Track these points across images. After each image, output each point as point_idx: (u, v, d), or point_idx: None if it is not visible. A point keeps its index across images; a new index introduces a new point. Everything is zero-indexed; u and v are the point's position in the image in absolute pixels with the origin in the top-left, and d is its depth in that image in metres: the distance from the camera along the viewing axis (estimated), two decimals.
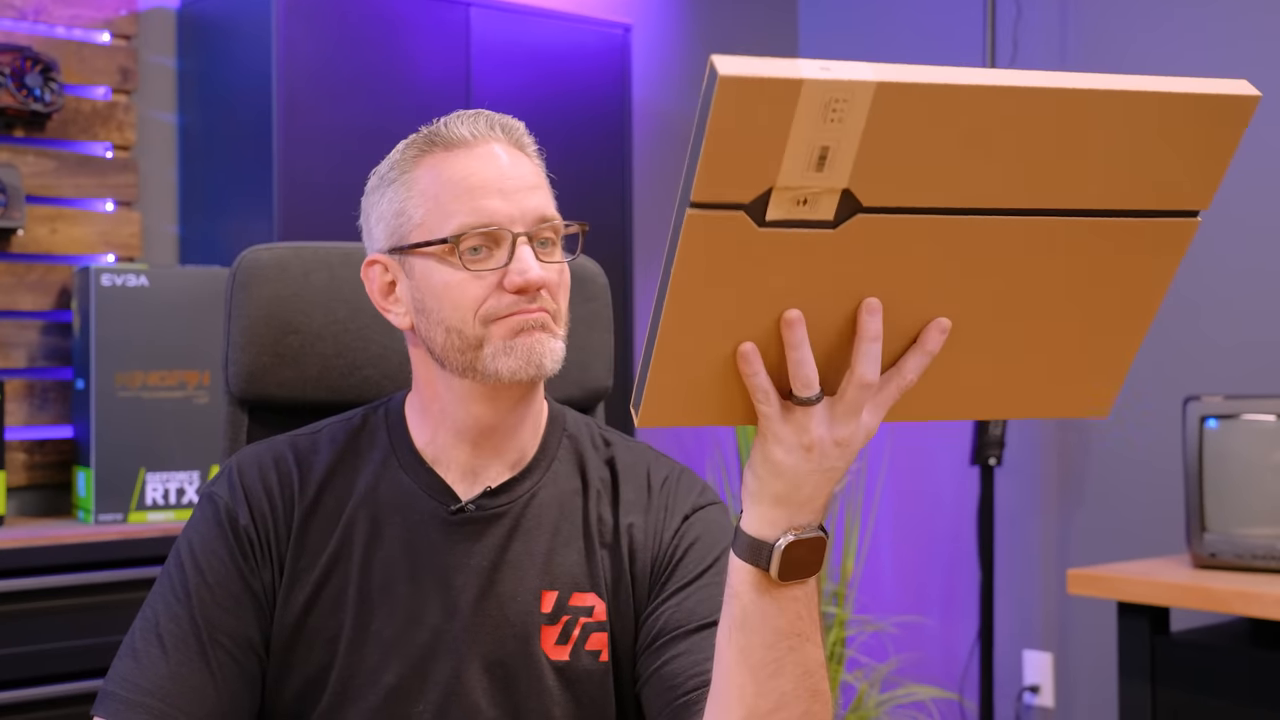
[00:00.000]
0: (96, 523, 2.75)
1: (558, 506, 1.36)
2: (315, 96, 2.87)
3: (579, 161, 3.25)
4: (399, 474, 1.35)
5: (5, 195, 2.85)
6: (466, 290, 1.27)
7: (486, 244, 1.27)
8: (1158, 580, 2.58)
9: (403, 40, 3.01)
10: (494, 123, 1.30)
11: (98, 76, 3.04)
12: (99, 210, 3.06)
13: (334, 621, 1.30)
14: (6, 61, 2.85)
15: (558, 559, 1.33)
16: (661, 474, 1.40)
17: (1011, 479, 3.57)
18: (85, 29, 3.03)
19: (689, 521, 1.36)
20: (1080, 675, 3.50)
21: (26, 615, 2.48)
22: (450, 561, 1.32)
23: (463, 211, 1.26)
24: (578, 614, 1.31)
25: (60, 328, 3.00)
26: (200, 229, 3.11)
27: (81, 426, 2.82)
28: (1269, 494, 2.58)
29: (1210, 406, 2.65)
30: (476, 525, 1.33)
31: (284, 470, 1.34)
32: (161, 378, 2.81)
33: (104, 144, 3.06)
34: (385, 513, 1.33)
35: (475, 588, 1.31)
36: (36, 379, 2.97)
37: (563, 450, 1.40)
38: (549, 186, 1.33)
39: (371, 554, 1.32)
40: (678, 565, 1.33)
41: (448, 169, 1.28)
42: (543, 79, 3.22)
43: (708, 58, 0.79)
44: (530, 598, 1.31)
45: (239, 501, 1.31)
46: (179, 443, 2.81)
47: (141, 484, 2.79)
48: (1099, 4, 3.47)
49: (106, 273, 2.77)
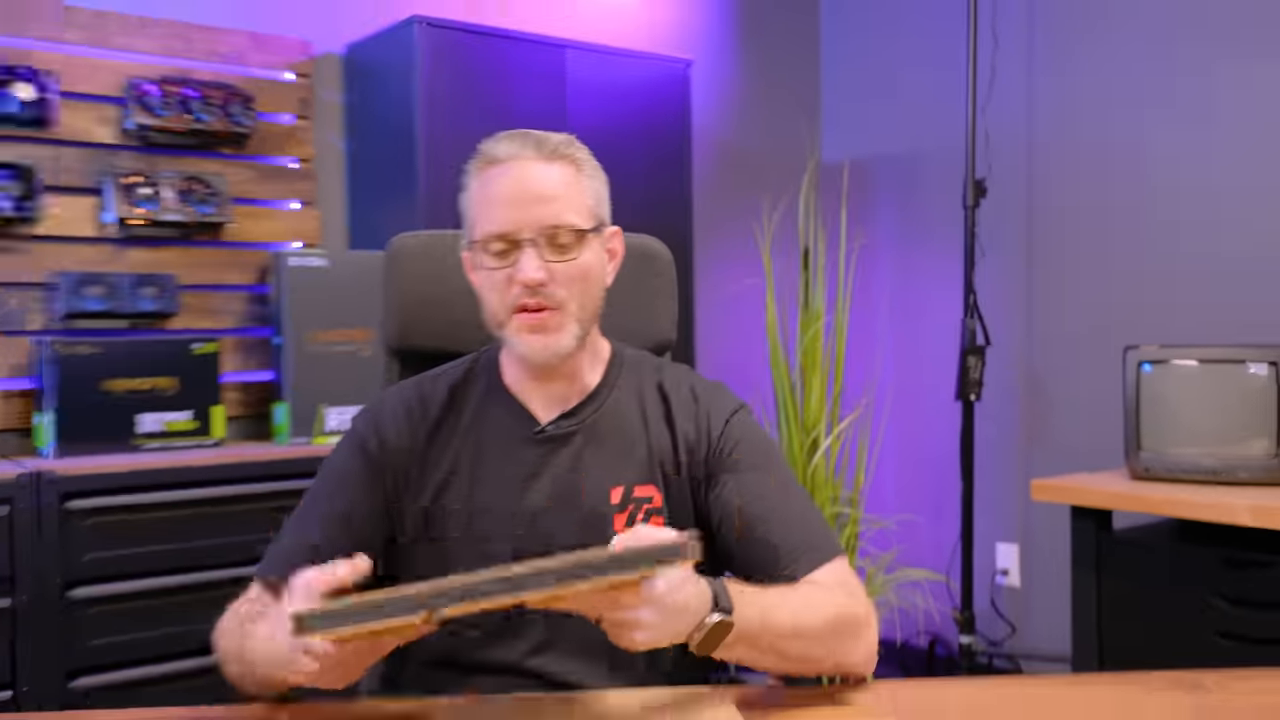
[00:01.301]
0: (290, 444, 2.80)
1: (620, 421, 1.37)
2: (447, 121, 2.88)
3: (651, 171, 3.24)
4: (494, 406, 1.37)
5: (218, 198, 2.89)
6: (490, 284, 1.30)
7: (506, 248, 1.27)
8: (1103, 489, 2.56)
9: (513, 76, 3.01)
10: (529, 141, 1.29)
11: (284, 107, 3.06)
12: (287, 209, 3.09)
13: (450, 520, 1.33)
14: (216, 96, 2.88)
15: (622, 461, 1.34)
16: (702, 387, 1.40)
17: (988, 411, 3.53)
18: (274, 70, 3.05)
19: (729, 423, 1.36)
20: (1041, 562, 3.47)
21: (240, 513, 2.52)
22: (538, 470, 1.33)
23: (485, 220, 1.28)
24: (640, 503, 1.33)
25: (260, 298, 3.04)
26: (363, 222, 3.14)
27: (278, 372, 2.86)
28: (1190, 422, 2.56)
29: (1146, 354, 2.62)
30: (555, 441, 1.34)
31: (410, 408, 1.37)
32: (336, 335, 2.85)
33: (290, 158, 3.08)
34: (487, 435, 1.35)
35: (559, 488, 1.32)
36: (244, 337, 3.01)
37: (622, 379, 1.40)
38: (578, 196, 1.30)
39: (478, 466, 1.34)
40: (727, 456, 1.34)
41: (485, 183, 1.29)
42: (621, 106, 3.20)
43: (751, 87, 0.78)
44: (602, 493, 1.32)
45: (372, 432, 1.35)
46: (349, 383, 2.85)
47: (322, 415, 2.83)
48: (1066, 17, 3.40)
49: (294, 256, 2.81)
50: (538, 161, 1.28)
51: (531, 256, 1.26)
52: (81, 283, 2.70)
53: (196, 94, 2.85)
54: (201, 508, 2.48)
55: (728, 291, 3.85)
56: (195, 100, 2.85)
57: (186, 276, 2.90)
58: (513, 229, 1.26)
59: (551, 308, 1.28)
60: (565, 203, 1.28)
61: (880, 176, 3.96)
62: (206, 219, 2.86)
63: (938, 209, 3.73)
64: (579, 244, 1.29)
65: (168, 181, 2.83)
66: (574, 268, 1.29)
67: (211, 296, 2.96)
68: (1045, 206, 3.47)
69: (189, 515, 2.47)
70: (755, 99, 4.02)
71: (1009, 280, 3.55)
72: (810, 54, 4.19)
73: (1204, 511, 2.35)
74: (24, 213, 2.64)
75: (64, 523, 2.33)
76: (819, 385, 3.46)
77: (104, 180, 2.79)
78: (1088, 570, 2.58)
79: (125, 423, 2.60)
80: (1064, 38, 3.40)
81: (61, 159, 2.75)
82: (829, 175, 4.05)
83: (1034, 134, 3.49)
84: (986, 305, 3.44)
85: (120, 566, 2.39)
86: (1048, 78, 3.45)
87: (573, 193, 1.29)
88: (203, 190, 2.87)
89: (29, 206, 2.64)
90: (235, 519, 2.51)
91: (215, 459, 2.54)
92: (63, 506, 2.33)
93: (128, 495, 2.40)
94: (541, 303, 1.27)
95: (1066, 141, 3.40)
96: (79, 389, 2.55)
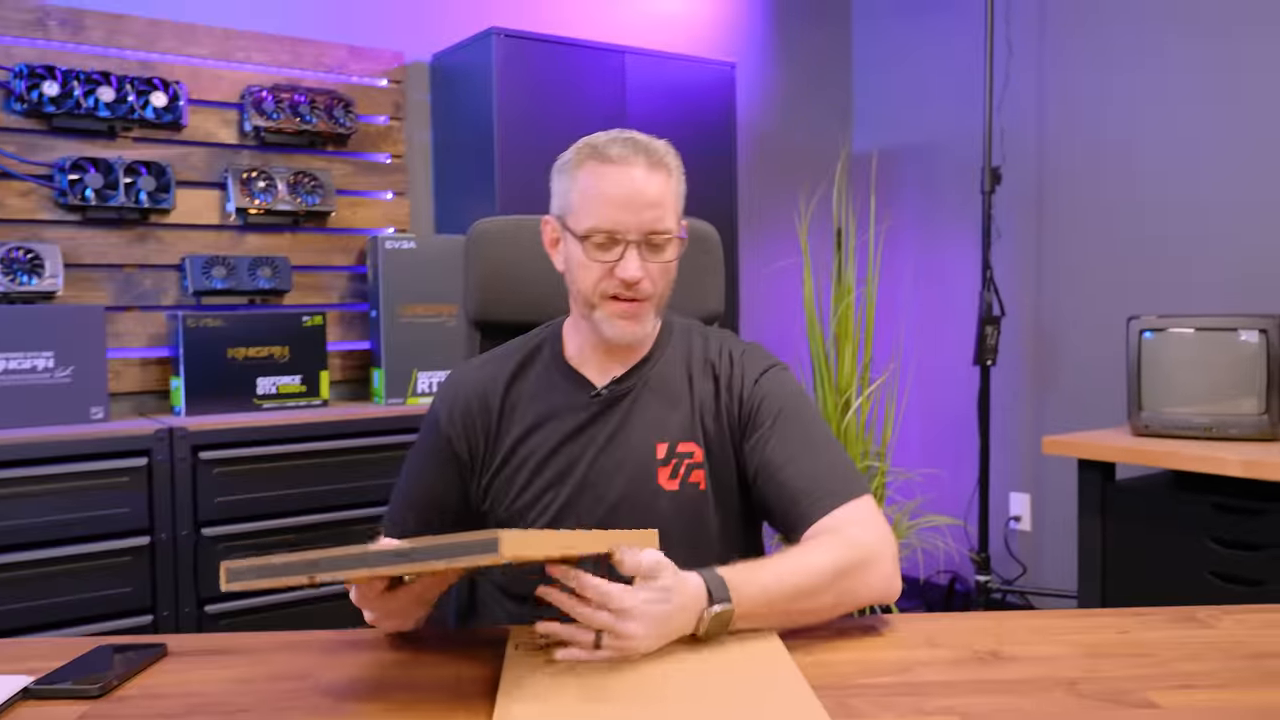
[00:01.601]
0: (386, 404, 2.83)
1: (667, 383, 1.36)
2: (521, 119, 2.87)
3: (701, 162, 3.21)
4: (556, 375, 1.36)
5: (324, 190, 2.91)
6: (589, 271, 1.28)
7: (609, 242, 1.26)
8: (1107, 444, 2.51)
9: (579, 79, 3.00)
10: (639, 148, 1.27)
11: (379, 109, 3.08)
12: (382, 199, 3.10)
13: (519, 475, 1.33)
14: (321, 101, 2.90)
15: (667, 420, 1.33)
16: (739, 349, 1.38)
17: (1003, 374, 3.49)
18: (371, 77, 3.07)
19: (760, 381, 1.34)
20: (1050, 510, 3.43)
21: (344, 464, 2.56)
22: (593, 430, 1.33)
23: (595, 216, 1.25)
24: (683, 457, 1.32)
25: (360, 277, 3.06)
26: (448, 209, 3.15)
27: (375, 341, 2.88)
28: (1187, 384, 2.51)
29: (1147, 322, 2.56)
30: (608, 403, 1.34)
31: (481, 387, 1.37)
32: (425, 309, 2.87)
33: (384, 154, 3.10)
34: (548, 402, 1.35)
35: (610, 444, 1.32)
36: (345, 310, 3.05)
37: (670, 345, 1.39)
38: (674, 204, 1.29)
39: (539, 430, 1.34)
40: (758, 411, 1.32)
41: (597, 179, 1.26)
42: (674, 104, 3.18)
43: (790, 86, 0.76)
44: (649, 448, 1.32)
45: (450, 407, 1.36)
46: (437, 351, 2.87)
47: (414, 379, 2.86)
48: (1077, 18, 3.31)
49: (389, 240, 2.83)
50: (646, 169, 1.26)
51: (634, 257, 1.25)
52: (208, 264, 2.74)
53: (304, 99, 2.87)
54: (311, 459, 2.52)
55: (769, 269, 3.82)
56: (303, 105, 2.87)
57: (297, 258, 2.94)
58: (620, 229, 1.25)
59: (642, 299, 1.28)
60: (665, 209, 1.27)
61: (905, 165, 3.90)
62: (314, 208, 2.89)
63: (957, 194, 3.67)
64: (670, 245, 1.29)
65: (280, 176, 2.86)
66: (666, 267, 1.29)
67: (318, 276, 2.99)
68: (1054, 191, 3.40)
69: (301, 465, 2.51)
70: (793, 97, 3.97)
71: (1022, 257, 3.49)
72: (843, 56, 4.12)
73: (1199, 464, 2.32)
74: (159, 204, 2.68)
75: (195, 471, 2.38)
76: (850, 352, 3.43)
77: (226, 175, 2.82)
78: (1093, 516, 2.55)
79: (246, 385, 2.65)
80: (1069, 42, 3.33)
81: (190, 158, 2.79)
82: (859, 164, 4.00)
83: (1043, 127, 3.42)
84: (1001, 280, 3.39)
85: (244, 509, 2.44)
86: (1056, 76, 3.37)
87: (670, 199, 1.28)
88: (310, 183, 2.90)
89: (163, 199, 2.69)
90: (340, 469, 2.55)
91: (322, 417, 2.57)
92: (194, 458, 2.38)
93: (249, 448, 2.45)
94: (634, 295, 1.27)
95: (1072, 133, 3.33)
96: (206, 356, 2.60)
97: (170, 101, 2.69)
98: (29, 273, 2.48)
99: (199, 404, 2.58)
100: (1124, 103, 3.19)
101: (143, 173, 2.66)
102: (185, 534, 2.36)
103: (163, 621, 2.34)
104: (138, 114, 2.65)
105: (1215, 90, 2.97)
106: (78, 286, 2.64)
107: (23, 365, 2.36)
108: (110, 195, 2.61)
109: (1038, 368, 3.46)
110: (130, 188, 2.64)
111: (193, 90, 2.77)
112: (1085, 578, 2.58)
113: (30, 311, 2.39)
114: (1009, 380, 3.51)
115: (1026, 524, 3.51)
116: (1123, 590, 2.50)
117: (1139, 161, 3.15)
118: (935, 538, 3.61)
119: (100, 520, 2.27)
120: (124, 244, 2.69)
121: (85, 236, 2.64)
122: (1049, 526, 3.44)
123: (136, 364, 2.72)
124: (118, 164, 2.62)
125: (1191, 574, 2.37)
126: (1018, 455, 3.52)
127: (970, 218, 3.58)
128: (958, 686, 0.99)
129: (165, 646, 1.13)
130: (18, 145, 2.56)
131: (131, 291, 2.71)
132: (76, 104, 2.57)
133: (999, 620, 1.20)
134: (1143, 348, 2.55)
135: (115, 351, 2.69)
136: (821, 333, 3.43)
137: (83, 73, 2.58)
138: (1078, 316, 3.34)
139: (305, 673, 1.05)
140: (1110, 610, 1.23)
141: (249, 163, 2.86)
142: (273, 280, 2.82)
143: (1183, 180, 3.04)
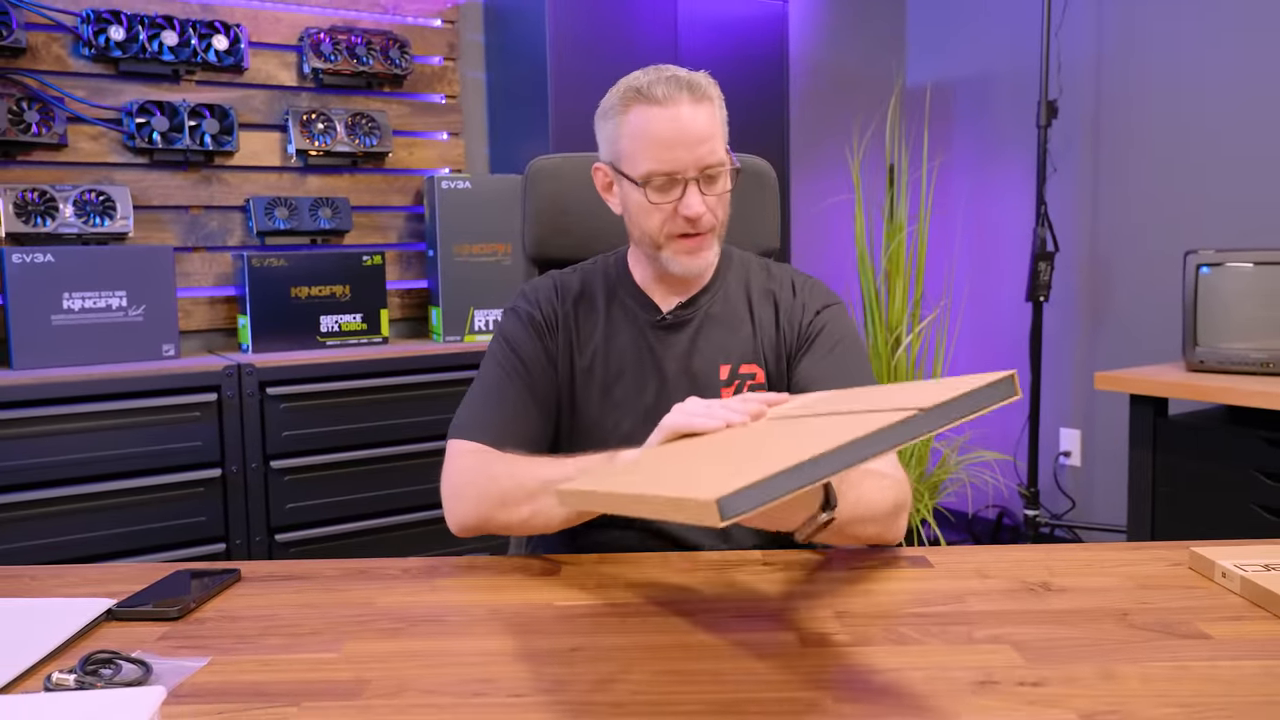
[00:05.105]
0: (444, 341, 2.86)
1: (729, 308, 1.37)
2: (574, 58, 2.84)
3: (753, 98, 3.15)
4: (625, 296, 1.38)
5: (381, 131, 2.91)
6: (651, 215, 1.27)
7: (668, 183, 1.25)
8: (1161, 380, 2.46)
9: (630, 17, 2.95)
10: (682, 84, 1.24)
11: (434, 49, 3.06)
12: (438, 139, 3.10)
13: (590, 390, 1.34)
14: (377, 42, 2.89)
15: (730, 343, 1.35)
16: (801, 281, 1.40)
17: (1056, 310, 3.42)
18: (426, 18, 3.04)
19: (820, 315, 1.36)
20: (1100, 446, 3.38)
21: (405, 399, 2.60)
22: (660, 351, 1.34)
23: (651, 160, 1.24)
24: (745, 379, 1.34)
25: (417, 217, 3.07)
26: (503, 148, 3.13)
27: (433, 280, 2.90)
28: (1242, 320, 2.44)
29: (1204, 257, 2.49)
30: (674, 327, 1.35)
31: (559, 290, 1.38)
32: (481, 248, 2.87)
33: (439, 95, 3.09)
34: (618, 319, 1.37)
35: (677, 367, 1.34)
36: (403, 250, 3.07)
37: (731, 274, 1.40)
38: (721, 132, 1.27)
39: (611, 342, 1.35)
40: (813, 343, 1.34)
41: (647, 121, 1.24)
42: (726, 40, 3.11)
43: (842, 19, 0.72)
44: (712, 370, 1.33)
45: (533, 306, 1.37)
46: (493, 289, 2.88)
47: (471, 316, 2.87)
48: None
49: (445, 180, 2.83)
50: (692, 104, 1.24)
51: (694, 193, 1.25)
52: (270, 205, 2.77)
53: (360, 41, 2.86)
54: (373, 395, 2.56)
55: (821, 205, 3.76)
56: (360, 46, 2.86)
57: (356, 199, 2.95)
58: (677, 169, 1.24)
59: (705, 232, 1.29)
60: (715, 140, 1.26)
61: (959, 99, 3.80)
62: (371, 150, 2.89)
63: (1012, 128, 3.57)
64: (724, 175, 1.28)
65: (339, 118, 2.86)
66: (723, 197, 1.29)
67: (377, 216, 3.01)
68: (1111, 125, 3.29)
69: (363, 400, 2.55)
70: (846, 30, 3.87)
71: (1077, 192, 3.39)
72: None
73: (1252, 399, 2.26)
74: (223, 146, 2.70)
75: (263, 406, 2.42)
76: (902, 289, 3.38)
77: (286, 117, 2.83)
78: (1144, 450, 2.51)
79: (310, 323, 2.68)
80: None
81: (251, 100, 2.80)
82: (912, 99, 3.90)
83: (1102, 58, 3.30)
84: (1055, 215, 3.30)
85: (310, 442, 2.49)
86: (1115, 5, 3.24)
87: (718, 129, 1.27)
88: (368, 124, 2.90)
89: (227, 141, 2.71)
90: (401, 403, 2.59)
91: (382, 354, 2.60)
92: (262, 393, 2.42)
93: (313, 384, 2.49)
94: (699, 230, 1.27)
95: (1132, 65, 3.21)
96: (271, 295, 2.63)
97: (231, 44, 2.70)
98: (101, 214, 2.52)
99: (265, 341, 2.62)
100: (1185, 34, 3.06)
101: (206, 115, 2.67)
102: (255, 466, 2.42)
103: (235, 549, 2.41)
104: (200, 57, 2.66)
105: (1278, 21, 2.84)
106: (146, 228, 2.68)
107: (98, 304, 2.41)
108: (176, 138, 2.64)
109: (1091, 304, 3.39)
110: (195, 130, 2.66)
111: (253, 33, 2.77)
112: (1135, 512, 2.54)
113: (104, 252, 2.43)
114: (1061, 316, 3.44)
115: (1076, 459, 3.46)
116: (1172, 525, 2.47)
117: (1198, 94, 3.03)
118: (984, 473, 3.58)
119: (174, 453, 2.33)
120: (190, 185, 2.72)
121: (152, 179, 2.68)
122: (1099, 462, 3.39)
123: (205, 303, 2.77)
124: (182, 107, 2.64)
125: (1238, 504, 2.33)
126: (1069, 391, 3.47)
127: (1025, 152, 3.49)
128: (1008, 616, 0.98)
129: (239, 572, 1.16)
130: (87, 89, 2.58)
131: (198, 232, 2.75)
132: (142, 48, 2.58)
133: (1049, 552, 1.19)
134: (1199, 283, 2.48)
135: (184, 290, 2.73)
136: (873, 269, 3.38)
137: (146, 17, 2.59)
138: (1133, 252, 3.25)
139: (370, 598, 1.07)
140: (1161, 544, 1.21)
141: (308, 105, 2.87)
142: (333, 221, 2.84)
143: (1242, 114, 2.93)
